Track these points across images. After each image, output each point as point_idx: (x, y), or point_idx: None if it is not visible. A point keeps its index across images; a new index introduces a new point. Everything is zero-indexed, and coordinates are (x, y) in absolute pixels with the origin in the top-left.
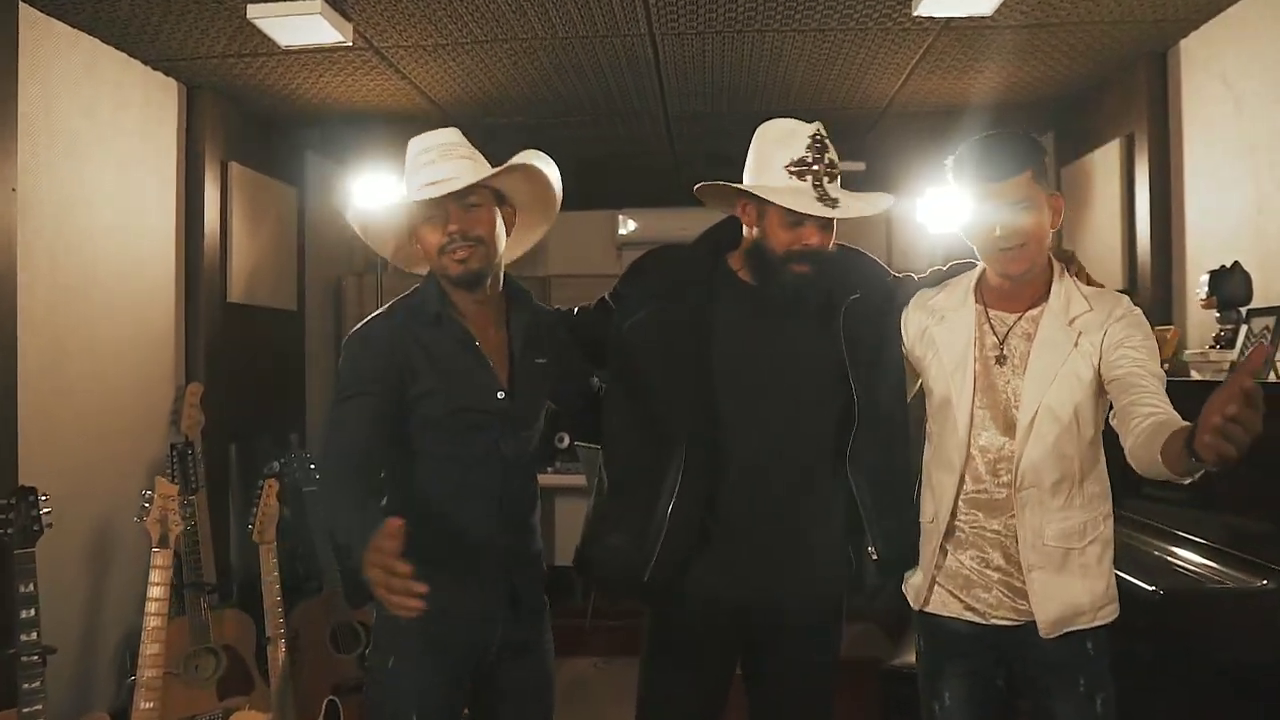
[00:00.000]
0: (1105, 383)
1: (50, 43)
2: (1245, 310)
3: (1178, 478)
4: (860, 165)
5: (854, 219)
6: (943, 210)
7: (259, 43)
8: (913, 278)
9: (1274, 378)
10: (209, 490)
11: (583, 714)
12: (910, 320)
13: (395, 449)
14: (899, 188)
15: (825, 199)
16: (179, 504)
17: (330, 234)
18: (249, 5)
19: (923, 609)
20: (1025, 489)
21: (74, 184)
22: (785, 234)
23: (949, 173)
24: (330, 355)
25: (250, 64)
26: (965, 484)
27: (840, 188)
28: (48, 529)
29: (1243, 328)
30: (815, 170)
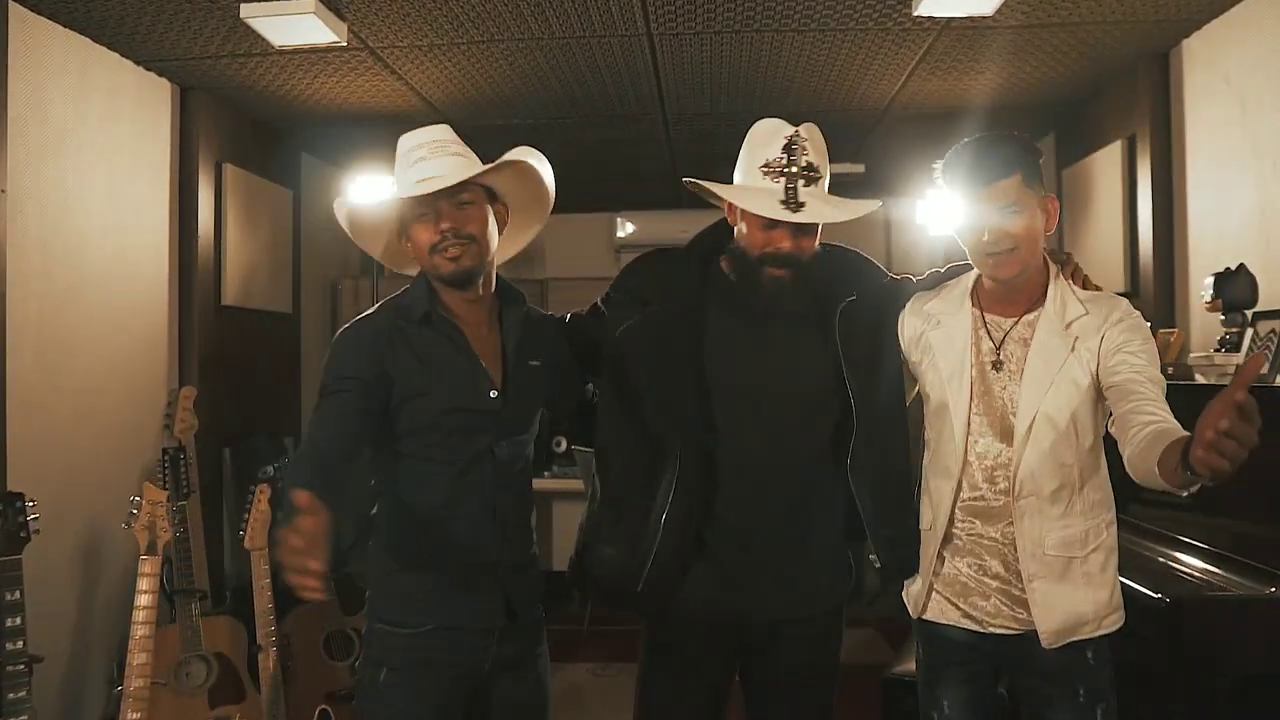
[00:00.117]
0: (1103, 389)
1: (41, 41)
2: (1251, 313)
3: (1175, 490)
4: (859, 167)
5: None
6: (943, 212)
7: (253, 43)
8: (910, 280)
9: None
10: (202, 495)
11: None
12: (906, 325)
13: (384, 454)
14: (899, 189)
15: (790, 202)
16: (168, 510)
17: (327, 237)
18: (242, 4)
19: (921, 616)
20: (1023, 497)
21: (65, 186)
22: (759, 236)
23: (939, 176)
24: None
25: (244, 64)
26: (962, 491)
27: (825, 192)
28: (35, 535)
29: (1248, 331)
30: (789, 172)
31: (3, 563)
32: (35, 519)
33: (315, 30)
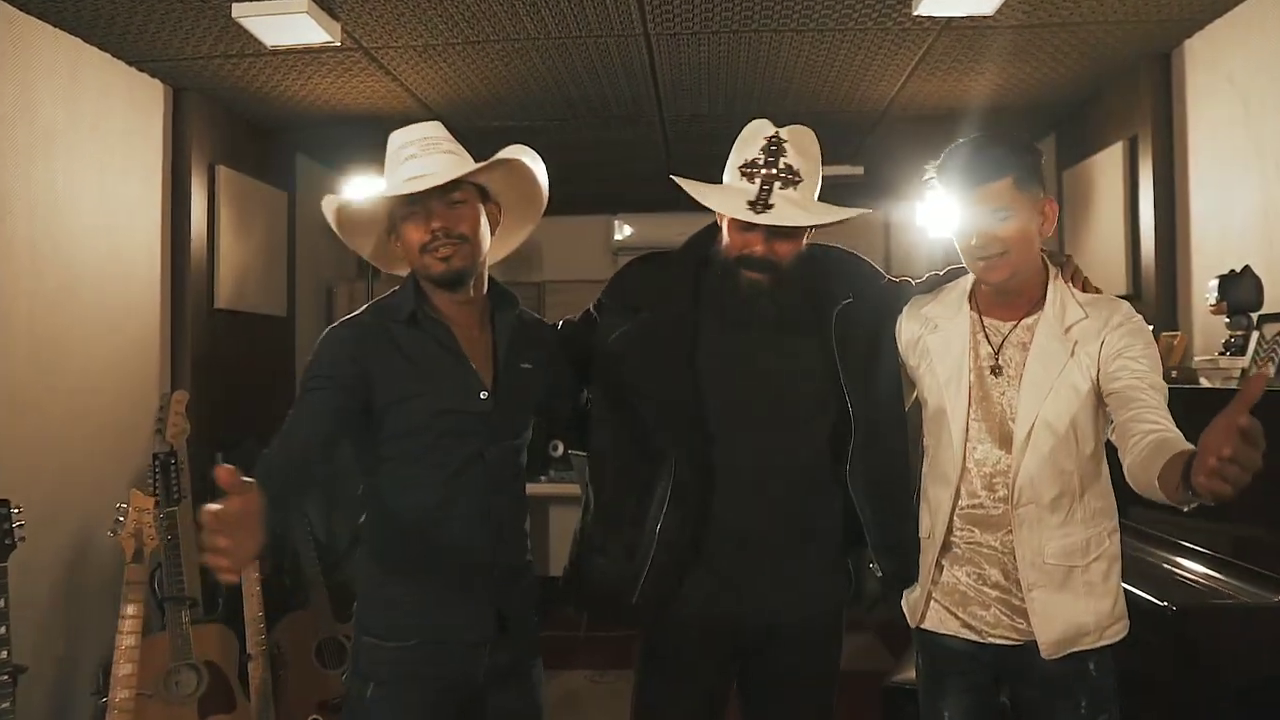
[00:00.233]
0: (1104, 395)
1: (30, 41)
2: (1256, 316)
3: (1175, 504)
4: (859, 169)
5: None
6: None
7: (245, 43)
8: (909, 282)
9: None
10: (194, 501)
11: None
12: (903, 328)
13: (370, 458)
14: (898, 191)
15: (758, 203)
16: (156, 516)
17: (322, 239)
18: (234, 4)
19: (920, 626)
20: (1023, 505)
21: (56, 187)
22: (736, 238)
23: (934, 177)
24: None
25: (237, 65)
26: (961, 498)
27: (811, 196)
28: (21, 543)
29: (1254, 334)
30: (766, 174)
31: None
32: (21, 525)
33: (308, 30)
